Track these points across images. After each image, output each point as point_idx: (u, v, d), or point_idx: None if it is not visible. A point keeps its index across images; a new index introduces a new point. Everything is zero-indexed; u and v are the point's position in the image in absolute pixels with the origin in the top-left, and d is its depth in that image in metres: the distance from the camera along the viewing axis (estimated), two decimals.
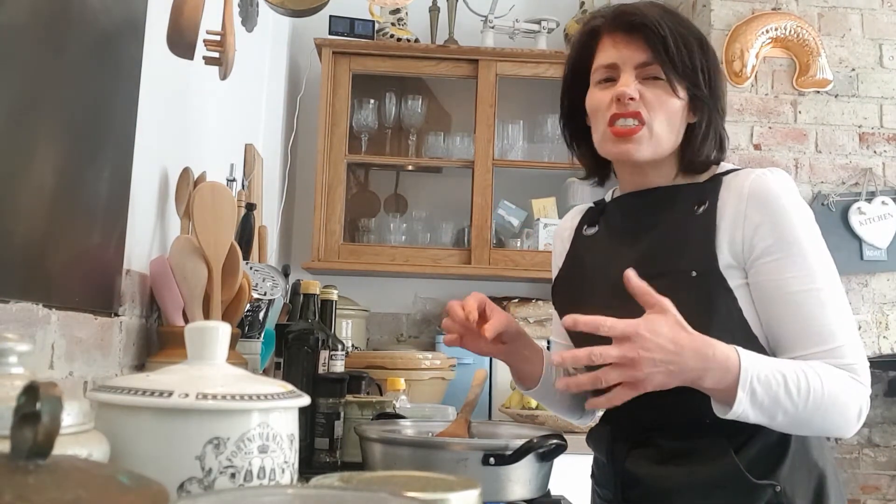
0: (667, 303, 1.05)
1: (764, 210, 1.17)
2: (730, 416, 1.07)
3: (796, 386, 1.08)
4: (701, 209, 1.21)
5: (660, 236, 1.25)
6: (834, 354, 1.13)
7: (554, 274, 1.45)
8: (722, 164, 1.29)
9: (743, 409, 1.06)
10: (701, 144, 1.26)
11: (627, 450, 1.26)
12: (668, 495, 1.22)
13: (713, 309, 1.16)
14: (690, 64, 1.23)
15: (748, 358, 1.07)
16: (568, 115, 1.37)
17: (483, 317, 1.25)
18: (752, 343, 1.16)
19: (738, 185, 1.20)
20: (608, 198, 1.41)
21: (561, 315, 1.39)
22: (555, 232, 1.50)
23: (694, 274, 1.18)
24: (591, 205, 1.44)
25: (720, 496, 1.17)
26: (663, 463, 1.22)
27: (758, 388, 1.06)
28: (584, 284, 1.34)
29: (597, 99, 1.27)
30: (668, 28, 1.22)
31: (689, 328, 1.06)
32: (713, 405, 1.10)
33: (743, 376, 1.05)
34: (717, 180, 1.24)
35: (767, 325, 1.17)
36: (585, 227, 1.40)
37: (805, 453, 1.19)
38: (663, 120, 1.22)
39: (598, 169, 1.39)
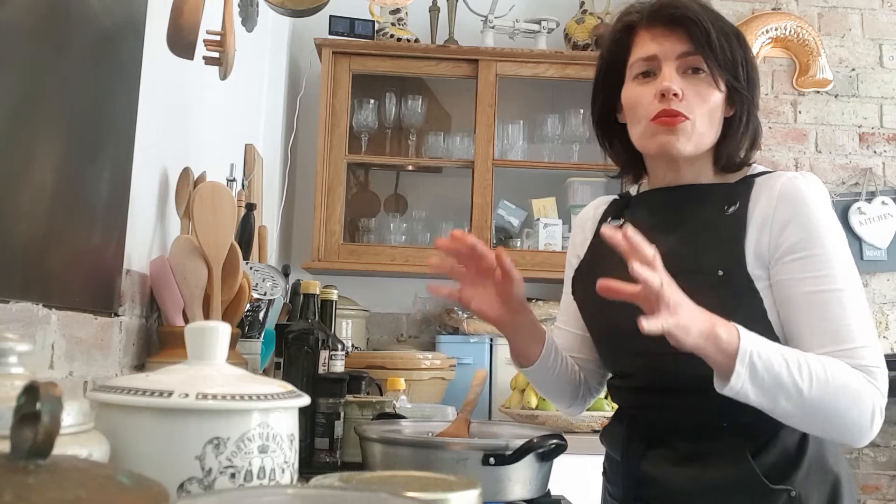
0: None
1: (792, 210, 1.16)
2: (727, 391, 1.05)
3: (798, 368, 1.06)
4: (731, 209, 1.21)
5: (687, 234, 1.24)
6: (850, 355, 1.10)
7: (570, 259, 1.43)
8: (754, 165, 1.29)
9: (742, 386, 1.04)
10: (735, 137, 1.26)
11: (643, 450, 1.26)
12: (682, 497, 1.21)
13: (738, 309, 1.15)
14: (731, 57, 1.22)
15: (748, 334, 1.05)
16: (601, 111, 1.35)
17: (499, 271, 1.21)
18: None
19: (769, 186, 1.20)
20: (633, 192, 1.41)
21: (581, 307, 1.38)
22: (575, 220, 1.48)
23: (720, 273, 1.17)
24: (616, 197, 1.43)
25: (735, 499, 1.17)
26: (679, 464, 1.21)
27: (758, 364, 1.04)
28: (605, 277, 1.33)
29: (636, 93, 1.25)
30: (709, 20, 1.21)
31: None
32: (714, 378, 1.07)
33: (742, 349, 1.04)
34: (748, 181, 1.24)
35: (785, 324, 1.16)
36: (610, 219, 1.38)
37: (821, 459, 1.18)
38: (704, 115, 1.22)
39: (632, 165, 1.37)
